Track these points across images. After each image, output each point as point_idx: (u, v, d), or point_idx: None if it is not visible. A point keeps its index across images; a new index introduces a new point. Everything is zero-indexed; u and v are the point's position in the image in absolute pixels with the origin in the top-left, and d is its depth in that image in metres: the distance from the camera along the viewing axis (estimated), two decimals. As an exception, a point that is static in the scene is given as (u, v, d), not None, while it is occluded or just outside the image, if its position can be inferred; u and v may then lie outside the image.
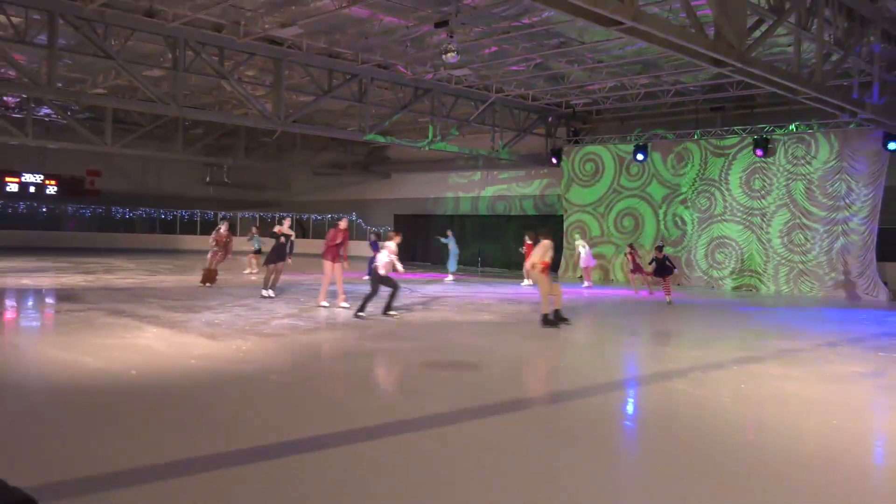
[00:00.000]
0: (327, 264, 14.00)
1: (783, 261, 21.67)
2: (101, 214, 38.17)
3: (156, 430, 5.91)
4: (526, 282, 21.94)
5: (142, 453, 5.28)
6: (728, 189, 22.91)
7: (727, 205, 22.89)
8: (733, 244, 22.77)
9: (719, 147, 23.20)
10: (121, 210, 38.46)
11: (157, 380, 7.63)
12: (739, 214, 22.65)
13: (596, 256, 24.82)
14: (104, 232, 37.79)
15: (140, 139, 29.66)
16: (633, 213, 25.03)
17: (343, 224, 14.12)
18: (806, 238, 21.23)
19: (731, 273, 22.67)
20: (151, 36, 17.81)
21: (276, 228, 15.39)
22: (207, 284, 17.27)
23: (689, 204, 23.74)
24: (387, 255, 13.07)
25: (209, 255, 17.89)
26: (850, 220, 20.45)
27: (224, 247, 17.80)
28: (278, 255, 15.44)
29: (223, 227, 18.03)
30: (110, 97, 24.41)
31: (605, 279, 24.90)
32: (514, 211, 31.29)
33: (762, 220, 22.13)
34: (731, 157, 22.93)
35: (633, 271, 20.83)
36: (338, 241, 13.92)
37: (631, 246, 21.24)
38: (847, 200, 20.50)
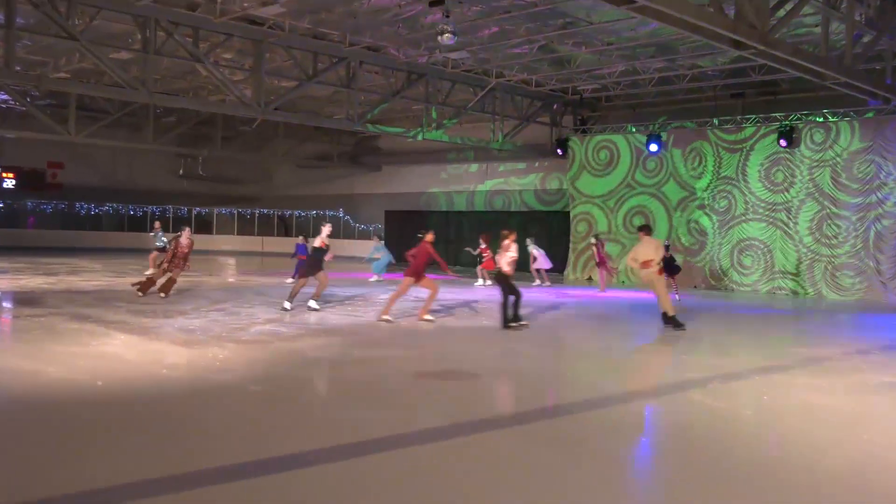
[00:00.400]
0: (408, 280, 13.51)
1: (816, 257, 21.60)
2: (63, 210, 38.07)
3: (124, 446, 5.91)
4: (479, 282, 22.15)
5: (108, 472, 5.27)
6: (747, 185, 22.89)
7: (748, 203, 22.85)
8: (759, 245, 22.69)
9: (734, 142, 23.14)
10: (86, 206, 38.36)
11: (126, 391, 7.62)
12: (762, 212, 22.63)
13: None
14: (67, 230, 37.68)
15: (107, 128, 29.53)
16: (645, 212, 24.95)
17: (430, 237, 13.79)
18: (838, 229, 21.17)
19: (762, 276, 22.56)
20: (119, 15, 17.76)
21: (319, 242, 14.52)
22: (162, 294, 15.70)
23: (707, 208, 23.62)
24: (509, 258, 13.04)
25: (165, 265, 16.19)
26: (885, 202, 20.39)
27: (184, 258, 16.24)
28: (317, 265, 14.65)
29: (185, 235, 16.33)
30: (74, 82, 24.36)
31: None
32: (514, 206, 31.30)
33: (787, 215, 22.11)
34: (747, 150, 22.88)
35: (598, 265, 21.10)
36: (426, 257, 13.61)
37: (596, 237, 21.37)
38: (877, 182, 20.50)
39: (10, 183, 36.40)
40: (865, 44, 14.75)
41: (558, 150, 27.19)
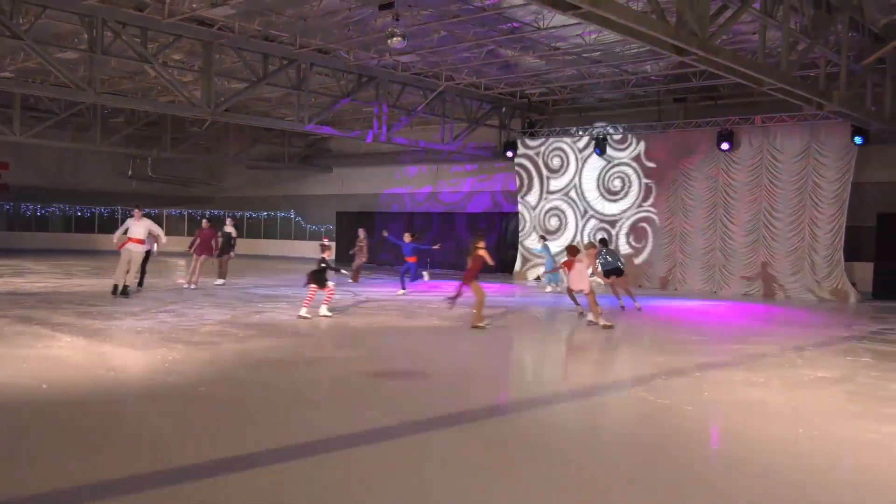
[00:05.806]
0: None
1: (749, 261, 22.13)
2: (8, 212, 37.15)
3: (68, 450, 5.78)
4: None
5: (51, 475, 5.16)
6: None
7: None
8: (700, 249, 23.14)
9: None
10: (32, 207, 37.47)
11: (71, 394, 7.46)
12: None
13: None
14: (12, 231, 36.78)
15: (53, 128, 28.89)
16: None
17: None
18: (773, 236, 21.72)
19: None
20: (65, 14, 17.38)
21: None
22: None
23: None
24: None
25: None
26: (818, 218, 20.97)
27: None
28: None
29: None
30: (18, 81, 23.75)
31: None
32: (466, 207, 31.38)
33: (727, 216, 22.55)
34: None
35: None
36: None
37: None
38: (815, 197, 21.03)
39: (-48, 184, 35.35)
40: (800, 51, 15.11)
41: (507, 153, 27.36)
